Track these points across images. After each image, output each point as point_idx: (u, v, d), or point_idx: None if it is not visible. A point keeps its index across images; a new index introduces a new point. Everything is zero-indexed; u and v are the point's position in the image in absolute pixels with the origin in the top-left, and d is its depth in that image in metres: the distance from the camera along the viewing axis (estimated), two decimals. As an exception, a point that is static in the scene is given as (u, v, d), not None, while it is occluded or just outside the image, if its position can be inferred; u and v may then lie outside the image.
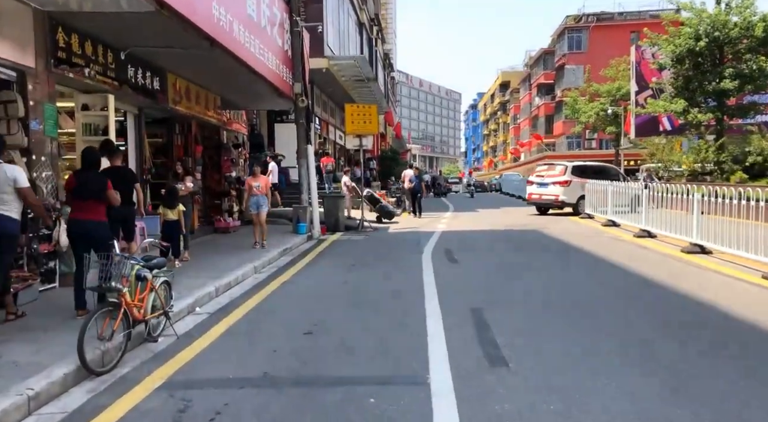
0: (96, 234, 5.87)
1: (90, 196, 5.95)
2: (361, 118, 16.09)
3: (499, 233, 15.24)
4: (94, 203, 5.96)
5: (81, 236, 5.91)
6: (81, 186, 5.97)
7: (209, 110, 13.40)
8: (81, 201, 5.97)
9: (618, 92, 42.01)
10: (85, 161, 6.14)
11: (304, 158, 14.67)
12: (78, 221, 5.95)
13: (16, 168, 5.48)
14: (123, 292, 4.73)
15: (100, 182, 6.03)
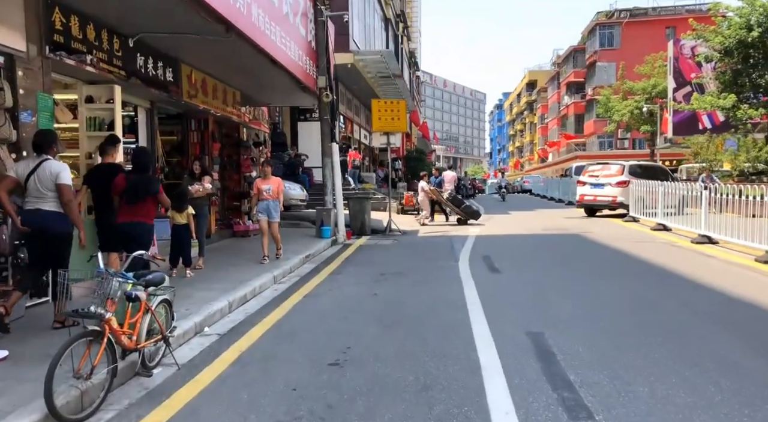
0: (141, 236, 5.78)
1: (139, 199, 5.80)
2: (388, 114, 15.09)
3: (538, 237, 14.11)
4: (142, 207, 5.83)
5: (126, 240, 5.74)
6: (130, 189, 5.80)
7: (228, 105, 12.54)
8: (128, 204, 5.81)
9: (654, 89, 40.29)
10: (136, 162, 6.02)
11: (328, 157, 13.73)
12: (124, 224, 5.80)
13: (60, 165, 5.32)
14: (106, 318, 3.79)
15: (150, 184, 5.88)
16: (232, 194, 13.39)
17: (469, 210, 17.86)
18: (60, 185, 5.19)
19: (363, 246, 12.88)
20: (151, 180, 5.95)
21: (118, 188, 5.90)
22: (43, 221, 5.16)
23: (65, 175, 5.26)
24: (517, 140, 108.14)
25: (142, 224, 5.83)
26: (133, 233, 5.76)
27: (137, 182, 5.82)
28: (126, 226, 5.80)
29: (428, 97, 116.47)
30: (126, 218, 5.82)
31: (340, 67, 20.49)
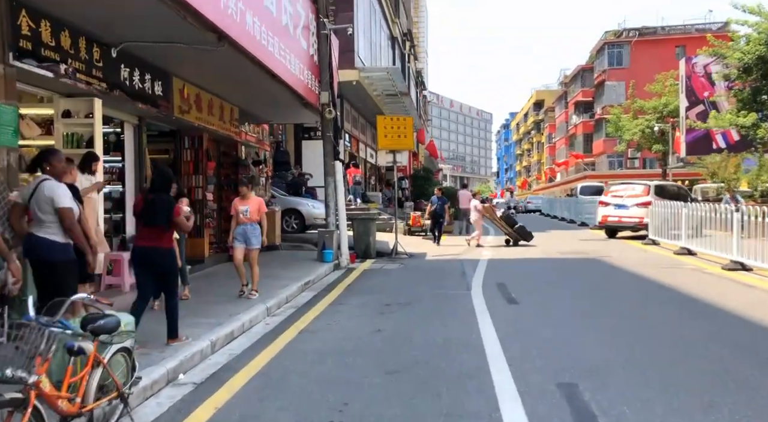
0: (162, 262, 5.56)
1: (155, 221, 5.50)
2: (395, 131, 14.35)
3: (555, 262, 13.23)
4: (158, 230, 5.53)
5: (145, 265, 5.55)
6: (146, 209, 5.53)
7: (225, 122, 11.83)
8: (146, 226, 5.56)
9: (665, 108, 39.56)
10: (155, 182, 5.69)
11: (331, 176, 12.97)
12: (142, 248, 5.55)
13: (56, 185, 4.76)
14: (31, 382, 2.96)
15: (167, 206, 5.54)
16: (230, 216, 12.57)
17: (522, 231, 17.09)
18: (58, 210, 4.66)
19: (367, 271, 12.04)
20: (167, 202, 5.59)
21: (136, 208, 5.70)
22: (34, 249, 4.72)
23: (61, 196, 4.70)
24: (524, 160, 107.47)
25: (157, 248, 5.51)
26: (148, 258, 5.52)
27: (153, 203, 5.52)
28: (142, 250, 5.55)
29: (435, 117, 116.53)
30: (142, 242, 5.56)
31: (345, 85, 19.87)
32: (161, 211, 5.49)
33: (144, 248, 5.53)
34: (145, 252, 5.52)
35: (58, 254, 4.69)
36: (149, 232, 5.52)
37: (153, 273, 5.56)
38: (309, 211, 16.63)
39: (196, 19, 6.89)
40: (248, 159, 13.72)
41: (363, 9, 21.95)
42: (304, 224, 16.67)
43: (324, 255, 12.27)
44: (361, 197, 22.40)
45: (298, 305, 8.50)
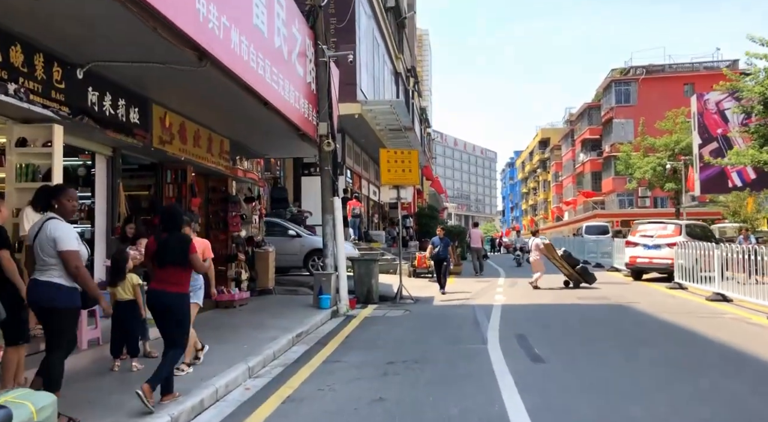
0: (177, 308, 5.20)
1: (170, 261, 5.17)
2: (399, 165, 13.36)
3: (575, 309, 12.01)
4: (173, 271, 5.18)
5: (159, 311, 5.26)
6: (160, 250, 5.21)
7: (214, 154, 10.87)
8: (161, 268, 5.22)
9: (677, 146, 38.65)
10: (165, 222, 5.36)
11: (329, 213, 11.91)
12: (155, 292, 5.26)
13: (61, 225, 4.45)
14: None
15: (182, 243, 5.23)
16: (218, 257, 11.49)
17: (584, 272, 15.96)
18: (61, 253, 4.35)
19: (369, 319, 10.84)
20: (182, 239, 5.29)
21: (148, 251, 5.41)
22: (35, 294, 4.42)
23: (65, 238, 4.37)
24: (530, 198, 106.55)
25: (171, 293, 5.16)
26: (161, 303, 5.19)
27: (167, 242, 5.21)
28: (156, 293, 5.25)
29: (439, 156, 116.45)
30: (157, 285, 5.26)
31: (346, 119, 19.07)
32: (176, 249, 5.15)
33: (157, 291, 5.21)
34: (157, 296, 5.19)
35: (63, 300, 4.40)
36: (164, 274, 5.18)
37: (168, 319, 5.21)
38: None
39: (170, 32, 5.96)
40: (240, 195, 12.70)
41: (366, 42, 21.34)
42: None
43: (320, 301, 11.10)
44: (362, 233, 21.30)
45: (288, 362, 7.31)
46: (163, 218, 5.45)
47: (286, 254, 15.07)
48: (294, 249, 15.55)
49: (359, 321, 10.62)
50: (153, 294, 5.28)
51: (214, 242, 11.49)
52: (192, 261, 5.22)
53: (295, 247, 15.58)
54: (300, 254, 15.51)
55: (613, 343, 8.33)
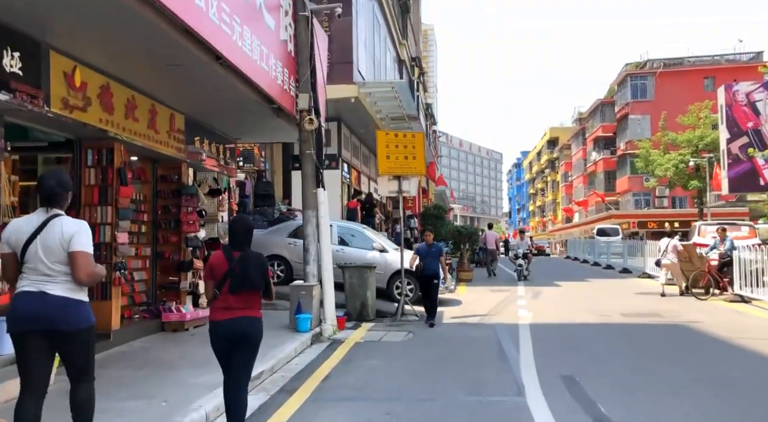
0: (257, 337, 4.29)
1: (251, 285, 4.19)
2: (400, 151, 10.86)
3: (626, 331, 9.47)
4: (253, 296, 4.26)
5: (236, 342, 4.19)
6: (237, 271, 4.13)
7: (159, 132, 8.35)
8: (235, 294, 4.15)
9: (701, 141, 36.05)
10: (237, 234, 4.32)
11: (311, 209, 9.41)
12: (234, 321, 4.16)
13: (78, 223, 3.56)
14: None
15: (261, 262, 4.30)
16: (168, 265, 8.99)
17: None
18: (76, 255, 3.43)
19: (360, 346, 8.31)
20: (260, 258, 4.32)
21: (217, 271, 4.21)
22: (48, 311, 3.42)
23: (83, 238, 3.50)
24: (538, 199, 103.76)
25: (253, 319, 4.25)
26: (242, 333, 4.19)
27: (246, 262, 4.17)
28: (233, 324, 4.16)
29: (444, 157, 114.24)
30: (232, 313, 4.16)
31: (342, 103, 16.54)
32: (256, 270, 4.23)
33: (236, 320, 4.17)
34: (236, 326, 4.17)
35: (85, 317, 3.55)
36: (238, 301, 4.18)
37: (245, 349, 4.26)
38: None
39: None
40: (204, 187, 10.19)
41: (365, 17, 18.82)
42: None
43: (298, 322, 8.57)
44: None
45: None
46: (235, 231, 4.40)
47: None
48: (377, 266, 11.65)
49: (347, 349, 8.09)
50: (230, 325, 4.20)
51: (163, 245, 9.05)
52: (270, 287, 4.41)
53: (378, 264, 11.66)
54: (383, 274, 11.93)
55: (706, 392, 5.76)
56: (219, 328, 4.24)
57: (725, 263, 12.75)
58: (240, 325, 4.19)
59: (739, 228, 16.70)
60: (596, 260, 27.03)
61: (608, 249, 25.39)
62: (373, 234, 13.42)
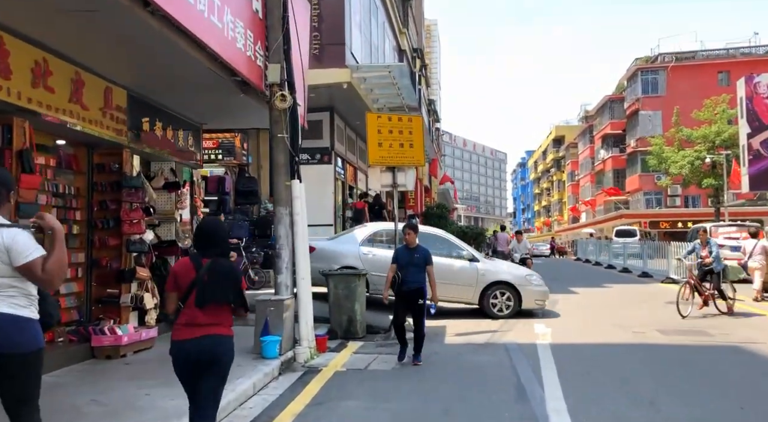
0: (228, 358, 3.72)
1: (222, 297, 3.68)
2: (394, 137, 9.15)
3: (670, 353, 7.73)
4: (224, 310, 3.72)
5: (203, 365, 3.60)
6: (205, 281, 3.62)
7: (89, 108, 6.66)
8: (201, 308, 3.60)
9: (717, 137, 34.22)
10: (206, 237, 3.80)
11: (284, 205, 7.69)
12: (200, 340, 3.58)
13: (16, 232, 2.99)
14: None
15: (233, 273, 3.80)
16: (106, 275, 7.29)
17: None
18: (25, 267, 2.93)
19: (340, 378, 6.59)
20: (232, 268, 3.84)
21: (183, 280, 3.66)
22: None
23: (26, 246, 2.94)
24: (543, 199, 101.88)
25: (223, 338, 3.67)
26: (209, 354, 3.60)
27: (216, 271, 3.65)
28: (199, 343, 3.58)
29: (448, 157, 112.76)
30: (201, 330, 3.59)
31: (333, 90, 14.87)
32: (228, 281, 3.68)
33: (203, 339, 3.57)
34: (203, 346, 3.57)
35: (33, 338, 3.08)
36: (206, 316, 3.60)
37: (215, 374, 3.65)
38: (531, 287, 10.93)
39: None
40: (159, 180, 8.49)
41: (359, -4, 17.12)
42: (520, 305, 10.68)
43: (263, 347, 6.85)
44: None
45: None
46: (205, 234, 3.83)
47: (453, 284, 10.47)
48: (466, 278, 10.66)
49: (322, 382, 6.36)
50: (197, 344, 3.57)
51: (100, 250, 7.34)
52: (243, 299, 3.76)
53: (469, 276, 10.63)
54: (475, 287, 10.64)
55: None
56: (183, 349, 3.64)
57: (708, 271, 10.66)
58: (207, 345, 3.62)
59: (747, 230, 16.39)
60: (610, 262, 25.30)
61: (624, 251, 23.65)
62: (458, 241, 11.83)
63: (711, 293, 10.64)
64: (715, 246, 10.80)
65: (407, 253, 7.25)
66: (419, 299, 7.11)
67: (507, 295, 10.66)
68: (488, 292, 10.65)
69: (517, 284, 10.76)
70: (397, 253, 7.41)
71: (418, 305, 7.14)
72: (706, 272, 10.68)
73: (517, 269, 12.03)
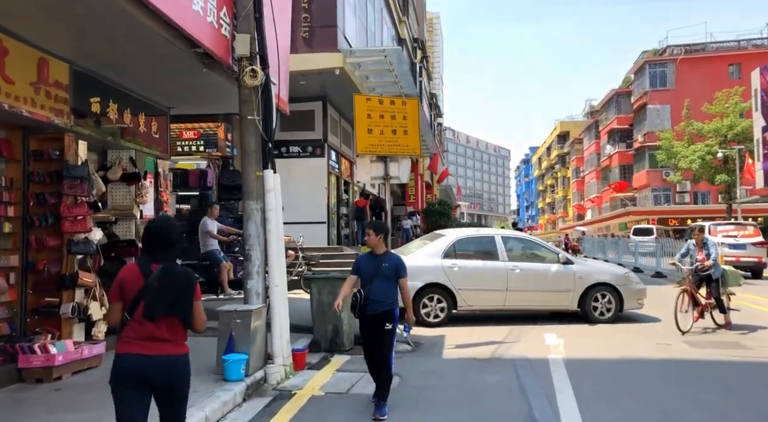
0: (179, 381, 3.22)
1: (172, 310, 3.17)
2: (386, 123, 8.02)
3: (703, 370, 6.63)
4: (175, 325, 3.21)
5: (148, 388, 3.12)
6: (154, 290, 3.13)
7: (13, 80, 5.57)
8: (152, 321, 3.13)
9: (730, 131, 32.96)
10: (157, 238, 3.30)
11: (253, 199, 6.60)
12: (147, 359, 3.10)
13: None
14: None
15: (187, 281, 3.25)
16: (44, 281, 6.20)
17: None
18: None
19: (316, 405, 5.51)
20: (186, 276, 3.28)
21: (130, 288, 3.17)
22: None
23: None
24: (547, 196, 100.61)
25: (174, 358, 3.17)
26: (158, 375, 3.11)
27: (167, 278, 3.16)
28: (146, 363, 3.09)
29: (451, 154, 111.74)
30: (147, 349, 3.11)
31: (324, 77, 13.86)
32: (182, 289, 3.20)
33: (152, 359, 3.09)
34: (153, 367, 3.09)
35: None
36: (156, 330, 3.13)
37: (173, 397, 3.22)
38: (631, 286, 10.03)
39: None
40: (116, 170, 7.40)
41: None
42: (622, 307, 9.87)
43: (226, 368, 5.75)
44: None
45: None
46: (155, 234, 3.32)
47: (551, 291, 9.77)
48: (564, 283, 9.75)
49: (294, 411, 5.28)
50: (140, 363, 3.09)
51: (38, 252, 6.26)
52: (196, 314, 3.26)
53: (566, 280, 9.73)
54: (574, 291, 9.75)
55: None
56: (126, 364, 3.12)
57: (705, 277, 8.90)
58: (157, 366, 3.11)
59: (745, 228, 18.41)
60: (620, 261, 24.14)
61: (636, 249, 22.61)
62: (547, 243, 11.23)
63: (709, 303, 8.92)
64: (714, 247, 8.96)
65: (372, 261, 5.31)
66: (386, 323, 5.20)
67: (607, 297, 9.80)
68: (588, 295, 9.77)
69: (618, 285, 9.89)
70: (359, 262, 5.42)
71: (384, 332, 5.20)
72: (703, 279, 8.94)
73: (613, 267, 11.33)
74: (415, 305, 8.92)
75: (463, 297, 9.53)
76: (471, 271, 9.56)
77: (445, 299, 9.55)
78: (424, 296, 9.45)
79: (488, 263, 9.75)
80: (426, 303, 9.49)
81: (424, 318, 9.41)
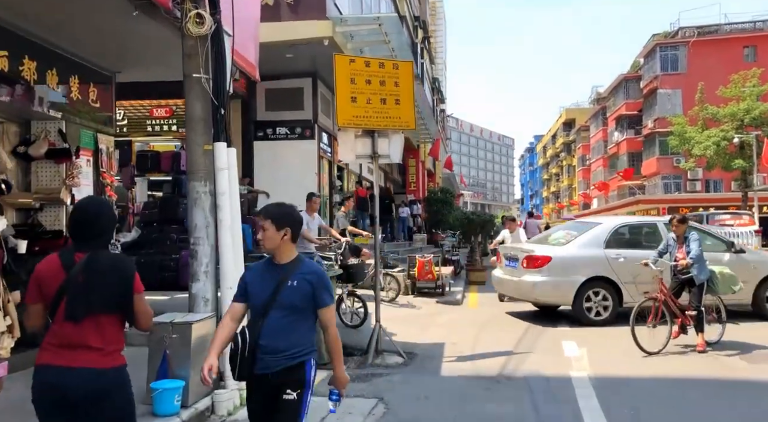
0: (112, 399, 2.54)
1: (97, 307, 2.55)
2: (373, 90, 6.65)
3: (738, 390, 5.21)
4: (105, 326, 2.58)
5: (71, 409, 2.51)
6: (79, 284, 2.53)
7: None
8: (76, 322, 2.53)
9: (746, 115, 31.38)
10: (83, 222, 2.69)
11: (200, 181, 5.21)
12: (66, 372, 2.50)
13: None
14: None
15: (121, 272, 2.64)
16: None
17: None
18: None
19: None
20: (122, 264, 2.67)
21: (48, 284, 2.58)
22: None
23: None
24: (552, 185, 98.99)
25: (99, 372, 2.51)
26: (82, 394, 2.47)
27: (92, 270, 2.56)
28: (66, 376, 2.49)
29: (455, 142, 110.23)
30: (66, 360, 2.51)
31: (314, 47, 12.43)
32: (113, 281, 2.60)
33: (76, 372, 2.48)
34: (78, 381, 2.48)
35: None
36: (81, 334, 2.52)
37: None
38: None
39: None
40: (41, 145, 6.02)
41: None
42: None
43: (156, 399, 4.39)
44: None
45: None
46: (81, 217, 2.70)
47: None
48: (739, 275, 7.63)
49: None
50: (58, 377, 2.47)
51: None
52: (137, 310, 2.63)
53: (741, 271, 7.93)
54: (750, 283, 8.60)
55: None
56: (44, 378, 2.51)
57: (687, 280, 7.01)
58: (79, 381, 2.45)
59: (740, 217, 18.67)
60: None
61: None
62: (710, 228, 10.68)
63: (691, 315, 6.92)
64: (696, 243, 6.84)
65: (267, 277, 2.89)
66: (287, 391, 2.81)
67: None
68: (762, 288, 8.88)
69: None
70: (246, 279, 3.00)
71: (284, 407, 2.81)
72: (683, 283, 7.08)
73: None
74: (578, 301, 8.43)
75: (630, 292, 8.32)
76: (637, 262, 7.65)
77: (610, 295, 8.49)
78: (587, 291, 8.55)
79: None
80: (590, 297, 8.57)
81: (585, 314, 8.51)
